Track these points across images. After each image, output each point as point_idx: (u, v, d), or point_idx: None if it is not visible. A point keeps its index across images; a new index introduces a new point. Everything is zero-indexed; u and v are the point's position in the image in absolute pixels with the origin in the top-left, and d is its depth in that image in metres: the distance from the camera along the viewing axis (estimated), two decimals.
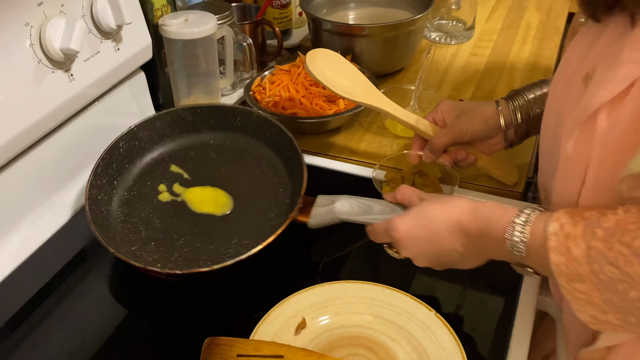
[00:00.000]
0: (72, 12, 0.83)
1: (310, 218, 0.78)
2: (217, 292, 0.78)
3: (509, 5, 1.52)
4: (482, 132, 0.86)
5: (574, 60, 0.64)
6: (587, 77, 0.59)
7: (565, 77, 0.65)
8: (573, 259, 0.53)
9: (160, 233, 0.82)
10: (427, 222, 0.67)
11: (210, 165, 0.91)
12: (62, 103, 0.84)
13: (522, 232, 0.59)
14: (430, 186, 0.87)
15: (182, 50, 1.02)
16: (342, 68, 0.88)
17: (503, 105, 0.86)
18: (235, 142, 0.93)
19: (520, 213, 0.60)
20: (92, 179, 0.84)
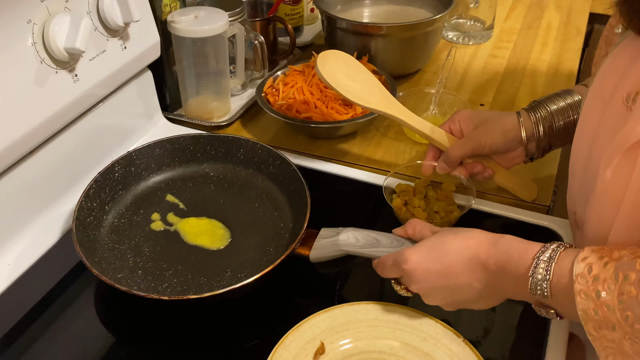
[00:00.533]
0: (77, 8, 0.78)
1: (312, 250, 0.73)
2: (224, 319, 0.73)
3: (528, 4, 1.46)
4: (501, 144, 0.81)
5: (613, 76, 0.58)
6: (629, 98, 0.54)
7: (602, 94, 0.59)
8: (603, 304, 0.49)
9: (149, 262, 0.77)
10: (440, 253, 0.63)
11: (208, 197, 0.86)
12: (66, 105, 0.79)
13: (546, 270, 0.55)
14: (444, 200, 0.83)
15: (192, 48, 0.97)
16: (355, 71, 0.83)
17: (524, 117, 0.80)
18: (236, 175, 0.88)
19: (545, 249, 0.56)
20: (82, 200, 0.79)
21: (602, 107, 0.59)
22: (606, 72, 0.60)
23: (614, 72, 0.59)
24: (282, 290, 0.75)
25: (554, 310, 0.58)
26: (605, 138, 0.56)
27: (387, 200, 0.82)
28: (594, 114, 0.60)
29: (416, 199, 0.82)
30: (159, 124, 1.03)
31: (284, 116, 0.96)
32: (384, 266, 0.68)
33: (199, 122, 1.04)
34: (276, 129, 1.03)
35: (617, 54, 0.59)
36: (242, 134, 1.03)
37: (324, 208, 0.80)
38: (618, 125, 0.54)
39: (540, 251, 0.56)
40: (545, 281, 0.55)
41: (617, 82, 0.57)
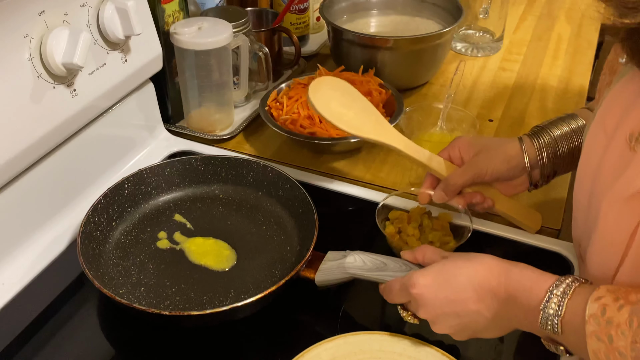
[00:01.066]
0: (76, 21, 0.76)
1: (318, 273, 0.72)
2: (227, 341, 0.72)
3: (538, 15, 1.44)
4: (504, 172, 0.77)
5: (616, 110, 0.56)
6: (633, 137, 0.52)
7: (605, 127, 0.57)
8: (615, 349, 0.47)
9: (153, 279, 0.76)
10: (450, 278, 0.61)
11: (216, 217, 0.85)
12: (64, 120, 0.77)
13: (558, 305, 0.53)
14: (440, 230, 0.79)
15: (195, 60, 0.95)
16: (350, 98, 0.79)
17: (527, 144, 0.77)
18: (245, 197, 0.87)
19: (559, 283, 0.54)
20: (89, 214, 0.78)
21: (605, 141, 0.56)
22: (610, 105, 0.58)
23: (617, 106, 0.56)
24: (286, 313, 0.74)
25: (564, 346, 0.56)
26: (607, 176, 0.55)
27: (379, 227, 0.79)
28: (596, 148, 0.58)
29: (410, 227, 0.79)
30: (161, 136, 1.01)
31: (288, 131, 0.94)
32: (391, 290, 0.66)
33: (201, 134, 1.02)
34: (279, 143, 1.01)
35: (621, 87, 0.57)
36: (244, 147, 1.01)
37: (328, 227, 0.79)
38: (621, 165, 0.53)
39: (554, 284, 0.54)
40: (557, 317, 0.53)
41: (621, 117, 0.55)
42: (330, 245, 0.75)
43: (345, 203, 0.90)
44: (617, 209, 0.52)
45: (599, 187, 0.56)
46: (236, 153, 0.98)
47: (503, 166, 0.77)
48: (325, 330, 0.70)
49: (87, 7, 0.77)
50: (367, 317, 0.74)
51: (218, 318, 0.68)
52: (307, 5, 1.25)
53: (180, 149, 0.99)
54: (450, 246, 0.77)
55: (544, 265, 0.59)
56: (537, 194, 0.90)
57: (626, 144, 0.53)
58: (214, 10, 1.07)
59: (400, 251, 0.73)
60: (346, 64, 1.10)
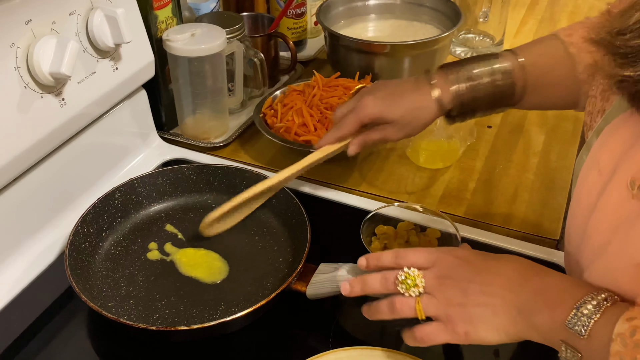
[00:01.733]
0: (64, 30, 0.75)
1: (309, 286, 0.70)
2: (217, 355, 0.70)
3: (539, 19, 1.42)
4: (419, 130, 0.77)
5: (612, 150, 0.53)
6: (634, 184, 0.49)
7: (599, 165, 0.54)
8: None
9: (142, 291, 0.74)
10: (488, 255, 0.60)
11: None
12: (53, 130, 0.76)
13: (595, 308, 0.50)
14: (427, 247, 0.77)
15: (188, 67, 0.94)
16: None
17: (441, 85, 0.74)
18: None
19: (602, 291, 0.51)
20: (78, 225, 0.77)
21: (600, 181, 0.54)
22: (605, 143, 0.55)
23: (613, 146, 0.53)
24: (277, 327, 0.72)
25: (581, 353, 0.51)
26: (606, 222, 0.52)
27: (363, 243, 0.76)
28: (591, 187, 0.55)
29: (396, 243, 0.77)
30: (154, 144, 0.99)
31: (282, 139, 0.93)
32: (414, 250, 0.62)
33: (195, 142, 1.00)
34: (274, 151, 1.00)
35: (617, 125, 0.54)
36: (239, 155, 1.00)
37: (322, 238, 0.77)
38: (623, 214, 0.50)
39: (596, 290, 0.51)
40: (591, 319, 0.49)
41: (618, 159, 0.52)
42: (324, 255, 0.74)
43: (341, 212, 0.89)
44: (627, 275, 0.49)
45: (597, 229, 0.53)
46: (230, 161, 0.97)
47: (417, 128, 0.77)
48: (317, 345, 0.69)
49: (75, 15, 0.76)
50: (360, 331, 0.72)
51: (207, 333, 0.66)
52: (304, 9, 1.23)
53: (173, 156, 0.98)
54: None
55: None
56: (535, 204, 0.88)
57: (627, 190, 0.50)
58: (209, 15, 1.06)
59: None
60: (343, 69, 1.08)
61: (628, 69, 0.45)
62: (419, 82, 0.76)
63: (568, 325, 0.51)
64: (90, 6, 0.78)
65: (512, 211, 0.88)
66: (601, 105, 0.59)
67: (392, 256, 0.63)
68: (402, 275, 0.60)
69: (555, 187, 0.91)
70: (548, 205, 0.88)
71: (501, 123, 1.07)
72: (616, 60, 0.45)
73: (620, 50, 0.45)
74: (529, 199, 0.89)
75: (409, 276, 0.59)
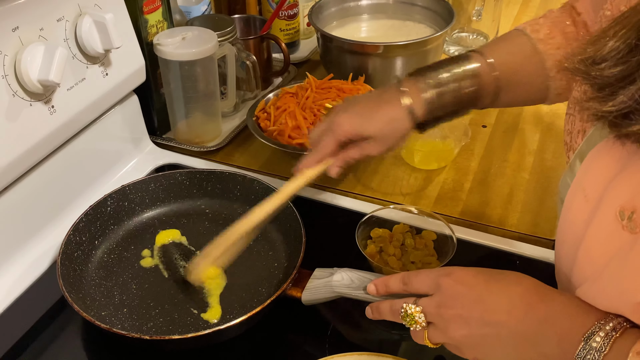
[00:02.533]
0: (53, 36, 0.74)
1: (304, 291, 0.69)
2: None
3: (533, 16, 1.40)
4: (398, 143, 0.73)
5: (598, 175, 0.51)
6: (624, 214, 0.47)
7: (585, 192, 0.52)
8: None
9: (136, 299, 0.74)
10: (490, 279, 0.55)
11: (202, 233, 0.83)
12: (42, 138, 0.75)
13: (604, 340, 0.48)
14: (422, 249, 0.77)
15: (180, 71, 0.93)
16: None
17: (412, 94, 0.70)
18: (232, 212, 0.84)
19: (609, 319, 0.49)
20: (71, 233, 0.76)
21: (587, 207, 0.52)
22: (589, 167, 0.53)
23: (598, 171, 0.51)
24: (273, 333, 0.71)
25: None
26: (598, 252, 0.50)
27: (359, 247, 0.75)
28: (577, 212, 0.53)
29: (392, 246, 0.76)
30: (147, 149, 0.99)
31: (276, 142, 0.92)
32: (417, 274, 0.59)
33: (188, 146, 1.00)
34: (268, 154, 0.99)
35: (601, 151, 0.52)
36: (232, 159, 0.99)
37: (318, 242, 0.77)
38: (614, 244, 0.48)
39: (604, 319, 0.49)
40: (600, 352, 0.48)
41: (605, 186, 0.50)
42: (320, 259, 0.73)
43: (336, 214, 0.88)
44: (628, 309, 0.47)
45: (588, 259, 0.51)
46: (223, 166, 0.96)
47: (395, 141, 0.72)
48: (313, 350, 0.68)
49: (64, 21, 0.75)
50: (357, 336, 0.72)
51: (202, 341, 0.66)
52: (296, 10, 1.23)
53: (166, 161, 0.97)
54: (433, 267, 0.74)
55: (538, 277, 0.56)
56: (531, 204, 0.88)
57: (616, 220, 0.48)
58: (200, 19, 1.05)
59: (380, 272, 0.70)
60: (336, 70, 1.07)
61: (607, 104, 0.43)
62: (390, 92, 0.72)
63: (577, 359, 0.49)
64: (79, 12, 0.77)
65: (507, 211, 0.87)
66: (581, 126, 0.57)
67: (399, 281, 0.61)
68: (402, 312, 0.58)
69: (550, 186, 0.91)
70: (544, 205, 0.87)
71: (496, 122, 1.06)
72: (593, 93, 0.44)
73: (597, 81, 0.43)
74: (524, 199, 0.89)
75: (407, 314, 0.58)
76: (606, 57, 0.43)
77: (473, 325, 0.54)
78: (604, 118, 0.44)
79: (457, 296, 0.55)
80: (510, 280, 0.55)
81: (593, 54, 0.44)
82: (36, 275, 0.79)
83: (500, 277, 0.55)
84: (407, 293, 0.60)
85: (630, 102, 0.42)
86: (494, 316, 0.53)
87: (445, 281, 0.56)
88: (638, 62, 0.42)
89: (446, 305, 0.55)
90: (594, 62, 0.44)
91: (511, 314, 0.53)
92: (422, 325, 0.57)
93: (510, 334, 0.53)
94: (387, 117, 0.71)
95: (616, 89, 0.43)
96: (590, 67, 0.44)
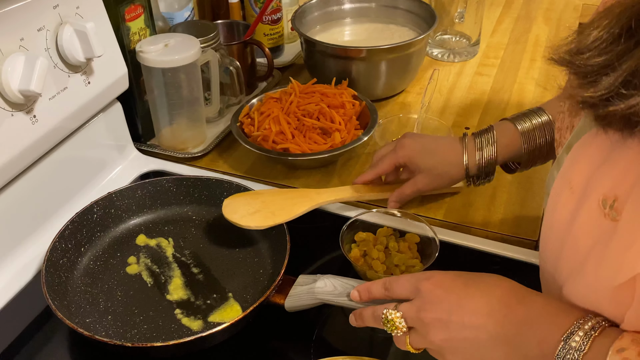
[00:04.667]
0: (33, 46, 0.74)
1: (287, 298, 0.70)
2: None
3: (515, 17, 1.42)
4: (445, 186, 0.85)
5: (582, 167, 0.52)
6: (606, 203, 0.48)
7: (570, 184, 0.53)
8: None
9: (121, 306, 0.74)
10: (469, 281, 0.56)
11: (188, 240, 0.83)
12: (25, 148, 0.75)
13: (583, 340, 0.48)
14: (406, 252, 0.77)
15: (163, 78, 0.93)
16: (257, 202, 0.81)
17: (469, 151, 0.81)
18: (219, 218, 0.83)
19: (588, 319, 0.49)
20: (56, 241, 0.76)
21: (572, 199, 0.52)
22: (575, 160, 0.53)
23: (583, 163, 0.52)
24: (257, 339, 0.72)
25: None
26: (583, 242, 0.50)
27: (343, 252, 0.75)
28: (564, 206, 0.53)
29: (375, 249, 0.76)
30: (131, 156, 0.99)
31: (260, 148, 0.92)
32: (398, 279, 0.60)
33: (172, 153, 1.00)
34: (253, 159, 0.99)
35: (586, 143, 0.53)
36: (217, 164, 0.99)
37: (303, 248, 0.77)
38: (597, 234, 0.49)
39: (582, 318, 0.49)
40: (580, 352, 0.48)
41: (589, 177, 0.51)
42: (305, 265, 0.73)
43: (321, 219, 0.88)
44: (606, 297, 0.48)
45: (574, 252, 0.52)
46: (209, 172, 0.97)
47: (445, 183, 0.84)
48: (298, 356, 0.69)
49: (44, 30, 0.75)
50: (341, 341, 0.72)
51: (185, 348, 0.66)
52: (280, 15, 1.23)
53: (151, 168, 0.98)
54: (417, 269, 0.75)
55: (521, 278, 0.56)
56: (514, 205, 0.89)
57: (599, 209, 0.48)
58: (183, 25, 1.06)
59: (364, 276, 0.71)
60: (320, 75, 1.08)
61: (588, 89, 0.44)
62: (455, 140, 0.83)
63: (557, 359, 0.49)
64: (60, 21, 0.77)
65: (490, 212, 0.88)
66: (569, 121, 0.58)
67: (381, 287, 0.62)
68: (383, 317, 0.59)
69: (533, 187, 0.91)
70: (526, 206, 0.88)
71: (479, 124, 1.07)
72: (577, 80, 0.45)
73: (580, 70, 0.45)
74: (507, 200, 0.89)
75: (388, 320, 0.58)
76: (590, 47, 0.44)
77: (452, 329, 0.54)
78: (586, 104, 0.45)
79: (436, 300, 0.56)
80: (489, 283, 0.55)
81: (577, 45, 0.45)
82: (22, 284, 0.78)
83: (479, 280, 0.56)
84: (390, 299, 0.60)
85: (612, 88, 0.43)
86: (473, 319, 0.54)
87: (425, 285, 0.56)
88: (619, 52, 0.43)
89: (425, 309, 0.56)
90: (578, 51, 0.45)
91: (490, 317, 0.53)
92: (402, 331, 0.57)
93: (490, 337, 0.53)
94: (444, 158, 0.82)
95: (599, 76, 0.44)
96: (575, 56, 0.45)
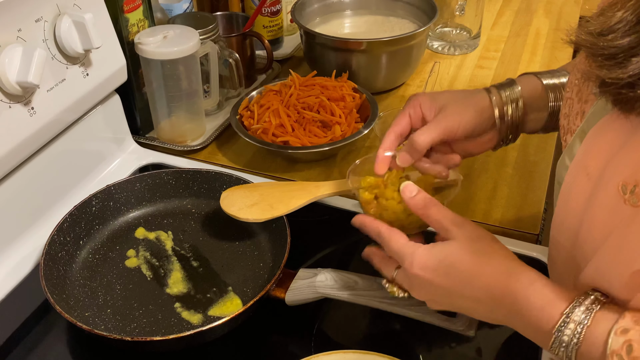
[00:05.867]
0: (31, 37, 0.73)
1: (288, 292, 0.69)
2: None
3: (516, 10, 1.42)
4: (476, 126, 0.68)
5: (599, 153, 0.51)
6: (626, 188, 0.47)
7: (587, 170, 0.52)
8: None
9: (120, 300, 0.73)
10: (451, 271, 0.56)
11: (188, 233, 0.83)
12: (22, 140, 0.74)
13: (574, 332, 0.48)
14: None
15: (161, 70, 0.92)
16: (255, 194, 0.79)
17: (495, 95, 0.70)
18: (218, 211, 0.82)
19: (578, 304, 0.48)
20: (54, 234, 0.75)
21: (588, 185, 0.51)
22: (591, 145, 0.52)
23: (600, 147, 0.51)
24: (257, 333, 0.71)
25: None
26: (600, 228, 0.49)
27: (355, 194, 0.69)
28: (579, 191, 0.52)
29: (389, 190, 0.67)
30: (130, 149, 0.98)
31: (260, 141, 0.92)
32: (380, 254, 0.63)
33: (171, 146, 0.99)
34: (253, 152, 0.99)
35: (603, 127, 0.52)
36: (216, 157, 0.99)
37: (303, 241, 0.77)
38: (615, 218, 0.48)
39: (571, 307, 0.49)
40: (572, 345, 0.48)
41: (606, 162, 0.50)
42: (305, 257, 0.73)
43: (322, 212, 0.88)
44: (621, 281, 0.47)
45: (591, 233, 0.51)
46: (208, 164, 0.96)
47: (475, 119, 0.68)
48: (298, 350, 0.68)
49: (42, 21, 0.74)
50: (341, 335, 0.72)
51: (185, 342, 0.66)
52: (279, 7, 1.22)
53: (150, 161, 0.97)
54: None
55: None
56: (515, 199, 0.88)
57: (619, 195, 0.47)
58: (182, 17, 1.05)
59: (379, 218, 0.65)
60: (320, 67, 1.07)
61: (616, 70, 0.43)
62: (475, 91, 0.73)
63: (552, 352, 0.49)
64: (58, 12, 0.76)
65: (491, 206, 0.87)
66: (579, 107, 0.57)
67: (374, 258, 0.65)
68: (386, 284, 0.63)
69: (534, 181, 0.91)
70: (527, 199, 0.88)
71: None
72: (602, 62, 0.44)
73: (604, 52, 0.43)
74: (508, 194, 0.89)
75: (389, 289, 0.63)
76: (614, 28, 0.43)
77: (446, 304, 0.59)
78: (610, 86, 0.44)
79: (422, 285, 0.59)
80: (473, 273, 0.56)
81: (600, 27, 0.44)
82: (20, 277, 0.78)
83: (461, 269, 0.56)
84: None
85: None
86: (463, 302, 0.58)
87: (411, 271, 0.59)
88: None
89: (417, 292, 0.60)
90: (601, 33, 0.44)
91: (479, 304, 0.56)
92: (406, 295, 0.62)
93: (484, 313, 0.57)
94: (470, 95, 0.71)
95: (627, 57, 0.43)
96: (598, 38, 0.44)
